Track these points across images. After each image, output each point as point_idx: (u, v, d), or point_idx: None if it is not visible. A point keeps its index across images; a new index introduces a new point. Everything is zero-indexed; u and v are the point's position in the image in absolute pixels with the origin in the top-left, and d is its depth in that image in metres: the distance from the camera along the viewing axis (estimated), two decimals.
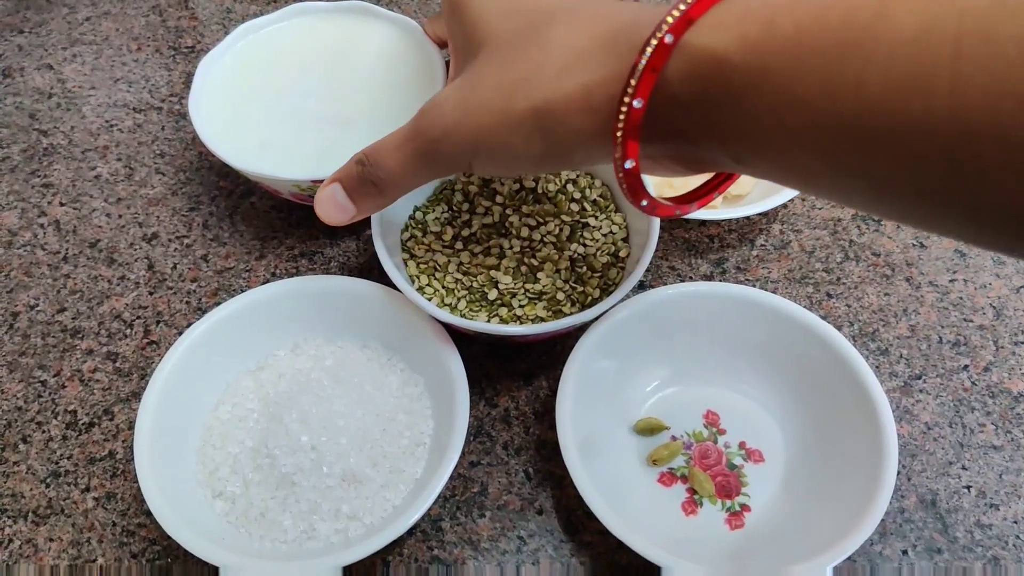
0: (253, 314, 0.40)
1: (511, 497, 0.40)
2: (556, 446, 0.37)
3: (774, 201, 0.46)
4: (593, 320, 0.39)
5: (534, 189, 0.44)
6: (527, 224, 0.43)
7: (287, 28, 0.51)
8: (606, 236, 0.43)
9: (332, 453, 0.36)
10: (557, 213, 0.43)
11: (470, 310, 0.40)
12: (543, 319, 0.40)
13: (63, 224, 0.51)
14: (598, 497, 0.35)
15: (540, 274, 0.41)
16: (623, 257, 0.42)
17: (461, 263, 0.42)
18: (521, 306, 0.40)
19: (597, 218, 0.43)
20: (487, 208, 0.43)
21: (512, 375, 0.43)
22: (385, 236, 0.41)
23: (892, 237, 0.49)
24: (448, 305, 0.40)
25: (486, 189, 0.44)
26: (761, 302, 0.40)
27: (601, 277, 0.41)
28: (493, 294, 0.41)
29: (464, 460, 0.41)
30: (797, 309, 0.40)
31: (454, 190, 0.44)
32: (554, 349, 0.44)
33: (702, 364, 0.42)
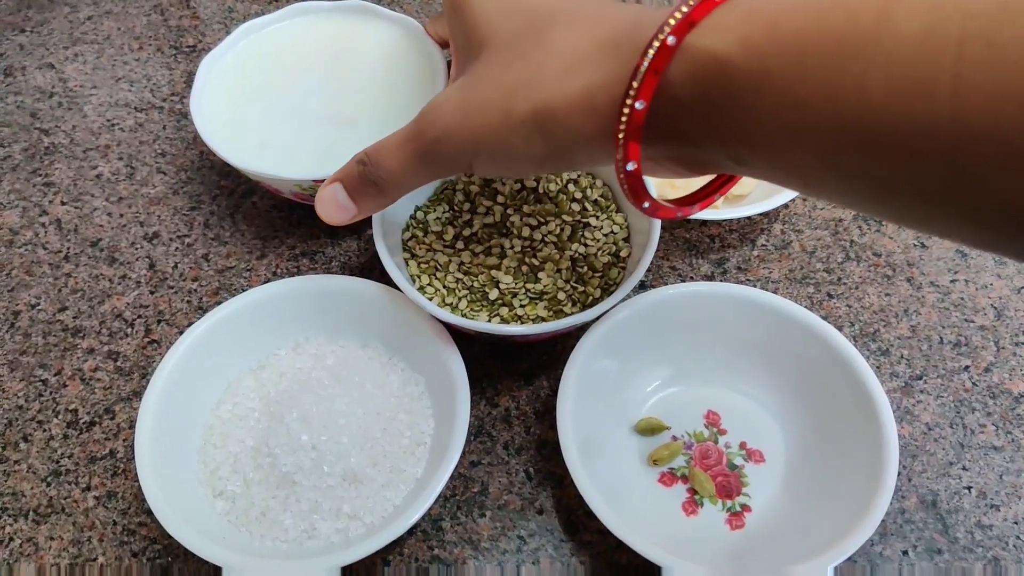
0: (254, 313, 0.40)
1: (511, 497, 0.40)
2: (557, 446, 0.37)
3: (775, 201, 0.46)
4: (594, 320, 0.39)
5: (535, 189, 0.44)
6: (528, 224, 0.43)
7: (289, 27, 0.51)
8: (607, 236, 0.43)
9: (333, 452, 0.36)
10: (558, 213, 0.43)
11: (471, 310, 0.40)
12: (544, 319, 0.40)
13: (64, 223, 0.51)
14: (598, 497, 0.35)
15: (541, 274, 0.41)
16: (624, 257, 0.42)
17: (462, 263, 0.42)
18: (522, 306, 0.40)
19: (598, 218, 0.43)
20: (488, 208, 0.43)
21: (513, 375, 0.43)
22: (386, 236, 0.41)
23: (893, 237, 0.49)
24: (449, 305, 0.41)
25: (487, 189, 0.44)
26: (762, 302, 0.40)
27: (602, 277, 0.41)
28: (494, 294, 0.41)
29: (465, 460, 0.41)
30: (798, 309, 0.40)
31: (455, 190, 0.44)
32: (555, 349, 0.44)
33: (703, 364, 0.42)
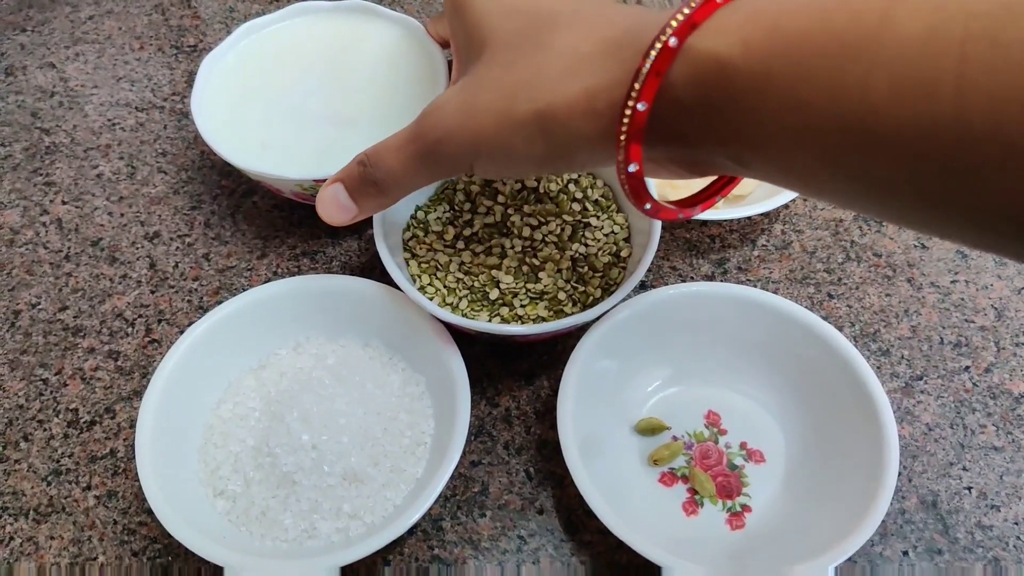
0: (255, 313, 0.40)
1: (512, 496, 0.40)
2: (557, 446, 0.37)
3: (776, 201, 0.45)
4: (594, 320, 0.39)
5: (536, 189, 0.44)
6: (529, 224, 0.43)
7: (289, 27, 0.51)
8: (608, 236, 0.43)
9: (333, 452, 0.36)
10: (559, 213, 0.43)
11: (471, 310, 0.40)
12: (544, 319, 0.40)
13: (65, 222, 0.51)
14: (599, 497, 0.35)
15: (541, 274, 0.41)
16: (624, 257, 0.42)
17: (463, 263, 0.42)
18: (522, 306, 0.40)
19: (599, 218, 0.43)
20: (489, 208, 0.43)
21: (513, 375, 0.44)
22: (387, 235, 0.41)
23: (894, 238, 0.49)
24: (449, 304, 0.41)
25: (488, 189, 0.44)
26: (762, 302, 0.40)
27: (602, 277, 0.41)
28: (494, 294, 0.41)
29: (465, 459, 0.41)
30: (798, 309, 0.40)
31: (456, 190, 0.44)
32: (555, 349, 0.44)
33: (703, 364, 0.42)
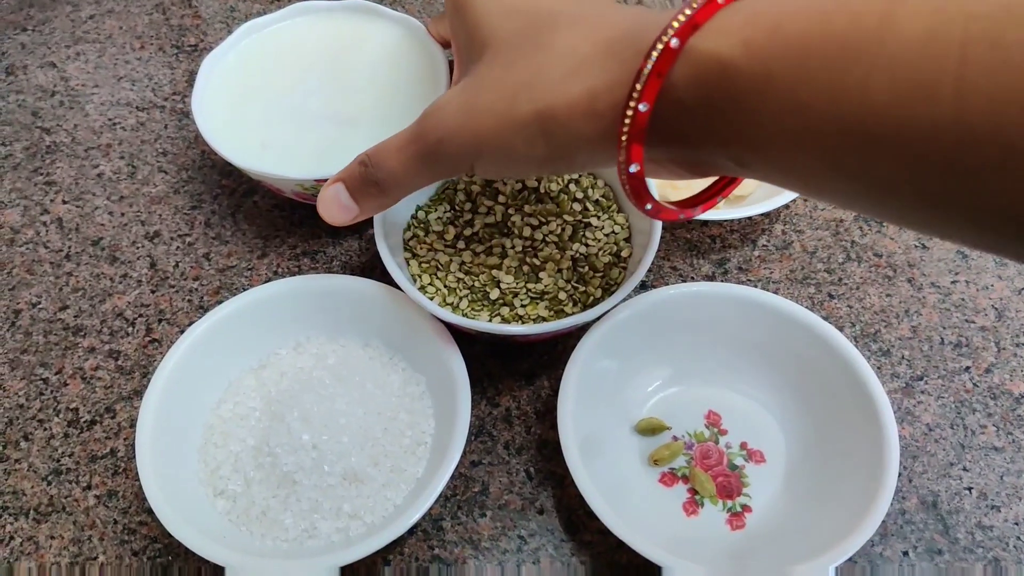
0: (255, 313, 0.40)
1: (512, 496, 0.40)
2: (557, 446, 0.37)
3: (776, 202, 0.45)
4: (595, 320, 0.39)
5: (536, 189, 0.44)
6: (529, 224, 0.43)
7: (290, 27, 0.51)
8: (608, 236, 0.43)
9: (333, 452, 0.36)
10: (559, 213, 0.43)
11: (472, 309, 0.40)
12: (545, 319, 0.40)
13: (66, 222, 0.51)
14: (599, 497, 0.35)
15: (542, 274, 0.41)
16: (625, 257, 0.42)
17: (463, 262, 0.42)
18: (523, 306, 0.40)
19: (599, 218, 0.43)
20: (489, 208, 0.43)
21: (514, 375, 0.44)
22: (387, 235, 0.41)
23: (894, 238, 0.49)
24: (450, 304, 0.41)
25: (488, 189, 0.44)
26: (763, 303, 0.40)
27: (603, 277, 0.41)
28: (495, 293, 0.41)
29: (465, 459, 0.41)
30: (799, 310, 0.40)
31: (456, 190, 0.44)
32: (556, 349, 0.44)
33: (703, 364, 0.42)
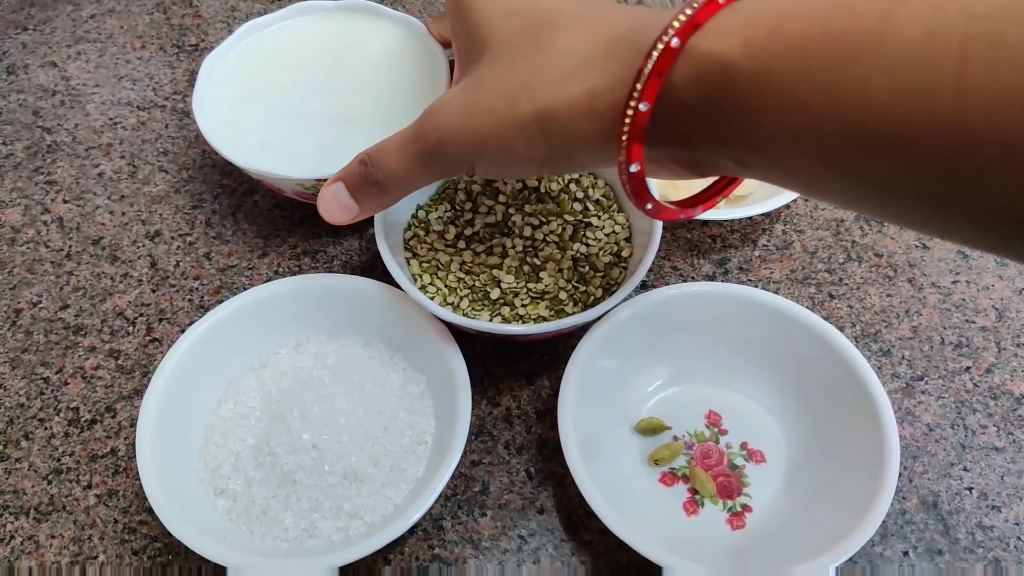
0: (255, 312, 0.40)
1: (512, 496, 0.40)
2: (557, 445, 0.37)
3: (777, 202, 0.45)
4: (595, 320, 0.39)
5: (537, 188, 0.44)
6: (530, 223, 0.43)
7: (291, 26, 0.51)
8: (608, 236, 0.43)
9: (334, 451, 0.36)
10: (560, 212, 0.43)
11: (472, 309, 0.40)
12: (545, 318, 0.40)
13: (66, 221, 0.51)
14: (599, 496, 0.35)
15: (542, 273, 0.41)
16: (625, 257, 0.42)
17: (464, 262, 0.42)
18: (523, 305, 0.40)
19: (600, 218, 0.43)
20: (490, 207, 0.43)
21: (514, 374, 0.44)
22: (388, 235, 0.41)
23: (895, 238, 0.49)
24: (450, 304, 0.41)
25: (489, 188, 0.44)
26: (763, 302, 0.40)
27: (603, 277, 0.41)
28: (495, 293, 0.41)
29: (465, 459, 0.41)
30: (799, 310, 0.40)
31: (457, 189, 0.44)
32: (556, 348, 0.44)
33: (704, 364, 0.42)
